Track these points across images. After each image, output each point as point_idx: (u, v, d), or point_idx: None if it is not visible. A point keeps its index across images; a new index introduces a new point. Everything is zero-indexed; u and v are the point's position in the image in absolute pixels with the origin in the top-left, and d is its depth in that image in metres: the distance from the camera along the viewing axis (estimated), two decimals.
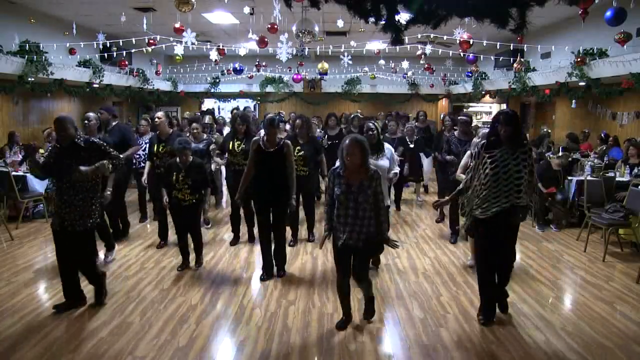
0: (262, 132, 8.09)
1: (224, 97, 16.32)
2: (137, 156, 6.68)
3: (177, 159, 4.77)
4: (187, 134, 6.54)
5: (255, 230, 5.72)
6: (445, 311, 4.01)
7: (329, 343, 3.47)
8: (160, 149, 5.64)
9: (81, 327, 3.66)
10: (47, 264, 5.08)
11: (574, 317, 3.93)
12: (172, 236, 5.63)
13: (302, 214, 6.04)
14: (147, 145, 6.13)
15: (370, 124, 4.73)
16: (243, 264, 5.18)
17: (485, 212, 3.62)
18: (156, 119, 5.77)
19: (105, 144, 3.97)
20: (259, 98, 16.25)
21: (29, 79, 8.35)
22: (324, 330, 3.66)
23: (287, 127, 10.37)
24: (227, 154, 5.68)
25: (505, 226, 3.69)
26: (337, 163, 3.56)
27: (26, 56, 8.20)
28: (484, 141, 3.75)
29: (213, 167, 6.77)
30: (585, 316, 3.94)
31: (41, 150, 7.89)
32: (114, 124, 5.90)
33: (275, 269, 4.81)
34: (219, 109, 16.56)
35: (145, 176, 5.88)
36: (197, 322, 3.77)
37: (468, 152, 4.87)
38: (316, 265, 5.14)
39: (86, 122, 5.07)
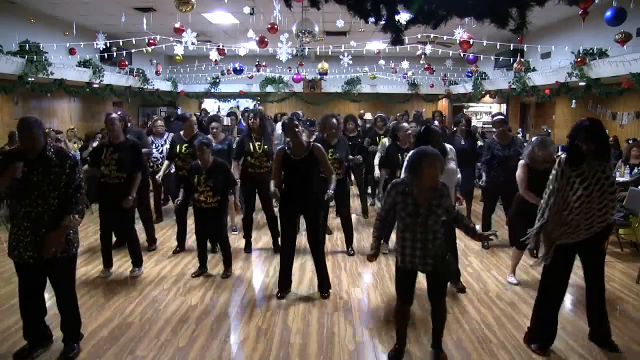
0: (279, 131, 7.99)
1: (224, 97, 16.34)
2: (155, 159, 6.56)
3: (198, 160, 4.65)
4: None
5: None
6: None
7: (329, 343, 3.47)
8: (183, 150, 5.47)
9: (81, 327, 3.65)
10: None
11: (574, 317, 3.93)
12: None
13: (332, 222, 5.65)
14: (168, 145, 6.17)
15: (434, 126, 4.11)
16: (243, 264, 5.18)
17: (577, 238, 3.14)
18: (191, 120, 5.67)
19: (79, 166, 3.22)
20: (259, 98, 16.26)
21: (29, 79, 8.36)
22: (324, 330, 3.66)
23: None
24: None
25: (593, 247, 3.21)
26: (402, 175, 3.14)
27: (26, 56, 8.22)
28: (563, 155, 3.19)
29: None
30: (586, 316, 3.93)
31: None
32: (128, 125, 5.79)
33: (318, 286, 4.35)
34: (219, 109, 16.58)
35: (161, 174, 5.71)
36: (197, 322, 3.77)
37: (522, 162, 4.37)
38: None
39: (111, 125, 4.60)
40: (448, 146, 4.19)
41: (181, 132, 5.78)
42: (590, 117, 3.17)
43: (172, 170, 5.88)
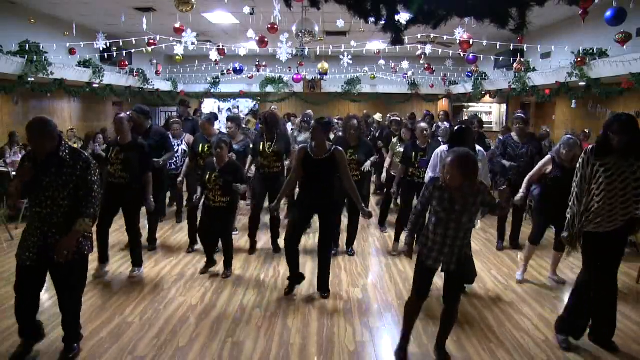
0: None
1: (224, 97, 16.33)
2: (171, 159, 6.42)
3: (214, 158, 4.66)
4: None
5: (280, 241, 5.61)
6: None
7: (329, 343, 3.47)
8: (205, 150, 5.42)
9: (81, 327, 3.65)
10: None
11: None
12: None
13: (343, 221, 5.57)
14: (185, 146, 6.36)
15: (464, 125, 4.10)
16: (243, 264, 5.18)
17: (598, 227, 3.24)
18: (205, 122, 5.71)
19: (95, 164, 3.15)
20: (259, 98, 16.26)
21: (29, 79, 8.36)
22: (324, 330, 3.66)
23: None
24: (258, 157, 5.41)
25: (617, 242, 3.30)
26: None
27: (26, 56, 8.21)
28: (591, 146, 3.29)
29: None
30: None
31: None
32: (148, 126, 5.56)
33: (318, 285, 4.36)
34: (219, 109, 16.58)
35: (181, 177, 5.62)
36: (197, 322, 3.77)
37: (549, 156, 4.57)
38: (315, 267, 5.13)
39: (120, 125, 4.62)
40: (479, 148, 4.22)
41: (201, 132, 5.76)
42: (626, 113, 3.23)
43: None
